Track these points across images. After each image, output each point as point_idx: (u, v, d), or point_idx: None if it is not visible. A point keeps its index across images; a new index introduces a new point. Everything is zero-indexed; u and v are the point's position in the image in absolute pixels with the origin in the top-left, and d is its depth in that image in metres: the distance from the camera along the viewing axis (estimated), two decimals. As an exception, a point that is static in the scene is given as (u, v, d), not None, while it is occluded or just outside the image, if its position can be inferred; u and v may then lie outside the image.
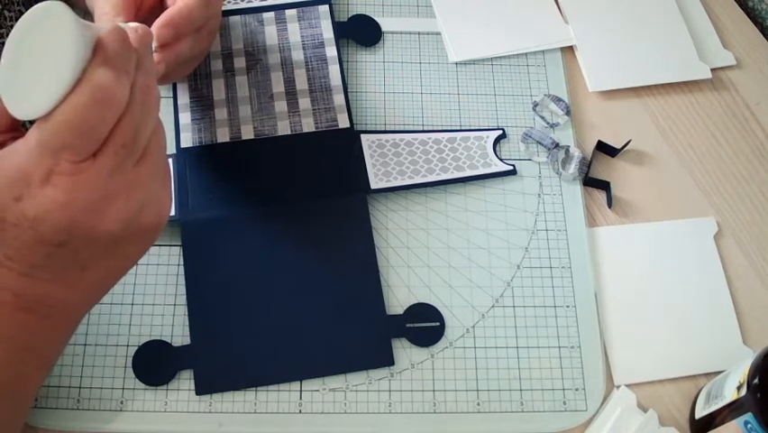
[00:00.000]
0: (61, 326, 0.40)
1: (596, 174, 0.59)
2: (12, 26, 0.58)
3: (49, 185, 0.34)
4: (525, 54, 0.64)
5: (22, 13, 0.59)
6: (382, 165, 0.57)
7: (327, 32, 0.61)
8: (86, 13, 0.59)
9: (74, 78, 0.33)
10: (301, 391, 0.50)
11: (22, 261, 0.36)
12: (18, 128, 0.40)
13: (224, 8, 0.62)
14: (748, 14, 0.69)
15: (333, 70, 0.60)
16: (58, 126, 0.33)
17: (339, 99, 0.59)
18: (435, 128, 0.60)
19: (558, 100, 0.61)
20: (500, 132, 0.60)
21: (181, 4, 0.48)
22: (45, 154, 0.34)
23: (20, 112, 0.34)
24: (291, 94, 0.58)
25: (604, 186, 0.58)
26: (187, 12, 0.48)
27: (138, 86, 0.37)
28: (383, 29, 0.64)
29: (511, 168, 0.58)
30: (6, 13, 0.59)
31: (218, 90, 0.58)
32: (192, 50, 0.51)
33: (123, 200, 0.37)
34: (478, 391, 0.50)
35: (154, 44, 0.47)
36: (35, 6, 0.34)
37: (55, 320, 0.39)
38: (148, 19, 0.48)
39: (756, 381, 0.43)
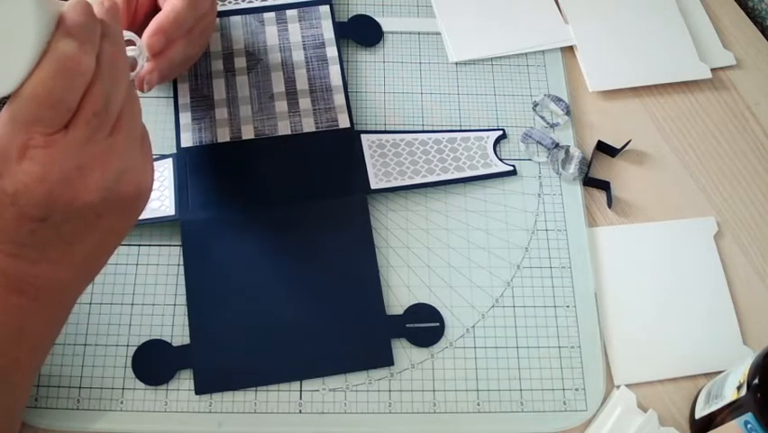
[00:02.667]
0: (53, 306, 0.40)
1: (596, 174, 0.59)
2: None
3: (25, 159, 0.35)
4: (525, 54, 0.64)
5: None
6: (382, 165, 0.57)
7: (328, 33, 0.61)
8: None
9: (38, 52, 0.34)
10: (301, 391, 0.50)
11: (8, 240, 0.36)
12: None
13: (224, 8, 0.62)
14: (748, 14, 0.69)
15: (334, 70, 0.60)
16: (26, 100, 0.34)
17: (339, 99, 0.59)
18: (435, 128, 0.60)
19: (558, 100, 0.61)
20: (500, 132, 0.60)
21: (168, 8, 0.48)
22: (18, 129, 0.35)
23: None
24: (292, 94, 0.58)
25: (604, 186, 0.58)
26: (175, 16, 0.48)
27: (105, 54, 0.37)
28: (383, 29, 0.64)
29: (511, 168, 0.58)
30: None
31: (219, 90, 0.58)
32: (185, 52, 0.51)
33: (99, 170, 0.37)
34: (478, 391, 0.50)
35: (146, 54, 0.47)
36: None
37: (46, 300, 0.39)
38: (144, 25, 0.48)
39: (756, 381, 0.43)
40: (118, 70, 0.38)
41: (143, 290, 0.52)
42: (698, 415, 0.49)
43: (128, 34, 0.45)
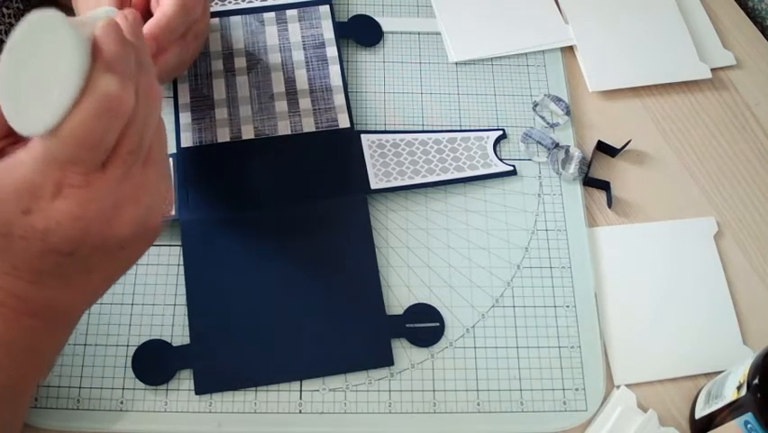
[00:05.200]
0: (63, 328, 0.40)
1: (596, 174, 0.59)
2: (10, 23, 0.58)
3: (60, 198, 0.34)
4: (525, 54, 0.64)
5: (20, 11, 0.60)
6: (382, 165, 0.57)
7: (328, 33, 0.61)
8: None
9: (78, 88, 0.32)
10: (301, 391, 0.50)
11: (31, 269, 0.36)
12: (14, 132, 0.40)
13: (224, 8, 0.62)
14: (748, 14, 0.69)
15: (334, 70, 0.60)
16: (66, 140, 0.33)
17: (339, 99, 0.59)
18: (435, 128, 0.60)
19: (558, 100, 0.61)
20: (500, 132, 0.60)
21: (159, 14, 0.48)
22: (53, 167, 0.33)
23: (24, 127, 0.33)
24: (292, 94, 0.58)
25: (604, 186, 0.58)
26: (166, 22, 0.47)
27: (141, 87, 0.36)
28: (383, 29, 0.64)
29: (511, 168, 0.58)
30: (5, 10, 0.59)
31: (219, 90, 0.58)
32: (180, 56, 0.51)
33: (132, 205, 0.37)
34: (478, 391, 0.50)
35: None
36: (30, 17, 0.33)
37: (58, 323, 0.39)
38: None
39: (756, 381, 0.43)
40: (153, 103, 0.37)
41: (143, 290, 0.52)
42: (698, 415, 0.49)
43: (125, 11, 0.44)
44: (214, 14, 0.61)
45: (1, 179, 0.34)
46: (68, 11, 0.62)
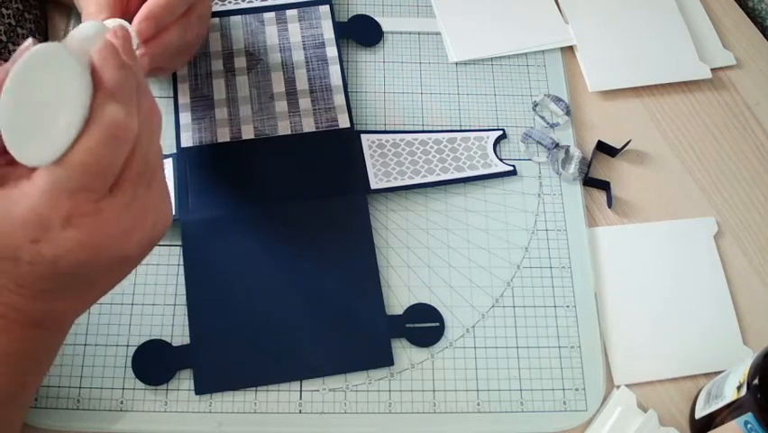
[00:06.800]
0: (62, 334, 0.40)
1: (596, 174, 0.59)
2: (9, 23, 0.58)
3: (70, 227, 0.34)
4: (525, 54, 0.64)
5: (20, 11, 0.59)
6: (382, 165, 0.57)
7: (328, 33, 0.61)
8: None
9: (84, 118, 0.32)
10: (301, 391, 0.50)
11: (36, 288, 0.35)
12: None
13: (224, 8, 0.62)
14: (748, 14, 0.69)
15: (334, 70, 0.60)
16: (74, 169, 0.33)
17: (339, 99, 0.59)
18: (435, 128, 0.60)
19: (558, 100, 0.61)
20: (500, 132, 0.60)
21: None
22: (62, 197, 0.33)
23: (29, 159, 0.33)
24: (292, 94, 0.58)
25: (604, 186, 0.58)
26: (165, 1, 0.47)
27: (142, 109, 0.36)
28: (383, 29, 0.64)
29: (511, 168, 0.58)
30: (4, 10, 0.58)
31: (219, 90, 0.58)
32: (182, 38, 0.50)
33: (140, 225, 0.37)
34: (478, 391, 0.50)
35: (137, 40, 0.46)
36: (33, 50, 0.33)
37: (58, 330, 0.39)
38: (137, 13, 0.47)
39: (756, 381, 0.43)
40: (154, 123, 0.37)
41: (143, 290, 0.52)
42: (698, 415, 0.49)
43: (118, 21, 0.44)
44: (214, 14, 0.61)
45: (7, 211, 0.33)
46: (69, 10, 0.62)
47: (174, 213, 0.53)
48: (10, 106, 0.33)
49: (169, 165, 0.55)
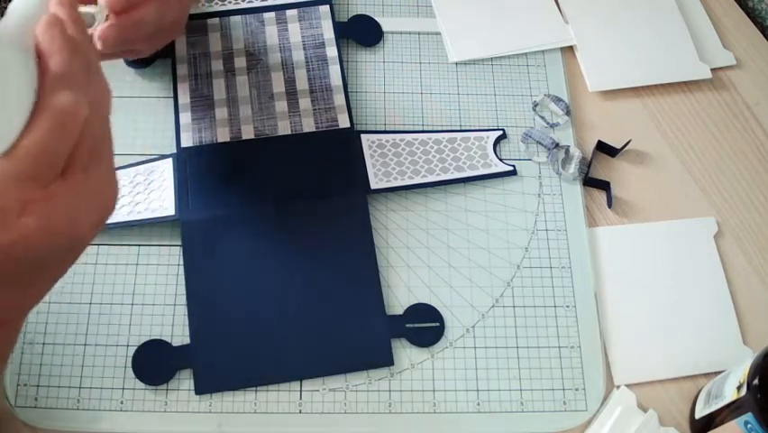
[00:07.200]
0: (14, 331, 0.39)
1: (596, 174, 0.59)
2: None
3: (25, 214, 0.32)
4: (525, 54, 0.64)
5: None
6: (382, 165, 0.57)
7: (328, 33, 0.61)
8: None
9: (29, 109, 0.31)
10: (301, 391, 0.50)
11: None
12: None
13: (224, 8, 0.62)
14: (748, 14, 0.69)
15: (334, 70, 0.60)
16: (23, 159, 0.32)
17: (339, 99, 0.59)
18: (435, 128, 0.60)
19: (558, 100, 0.61)
20: (500, 132, 0.60)
21: None
22: (13, 187, 0.32)
23: None
24: (292, 94, 0.58)
25: (604, 186, 0.58)
26: None
27: (93, 91, 0.34)
28: (383, 29, 0.64)
29: (511, 168, 0.58)
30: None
31: (219, 90, 0.58)
32: (159, 17, 0.48)
33: (91, 207, 0.35)
34: (478, 391, 0.50)
35: (105, 12, 0.44)
36: None
37: (11, 324, 0.38)
38: None
39: (756, 381, 0.43)
40: (104, 105, 0.36)
41: (143, 290, 0.52)
42: (698, 415, 0.49)
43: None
44: (215, 14, 0.61)
45: None
46: None
47: (174, 213, 0.53)
48: None
49: (169, 165, 0.55)
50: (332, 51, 0.60)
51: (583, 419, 0.50)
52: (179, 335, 0.50)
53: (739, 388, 0.44)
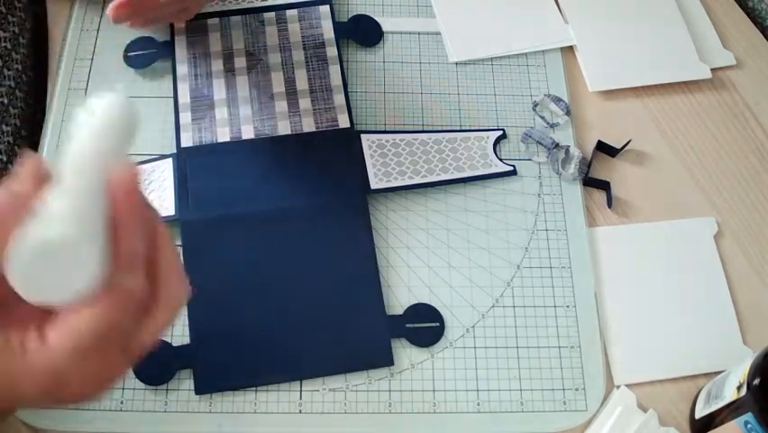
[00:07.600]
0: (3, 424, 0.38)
1: (596, 174, 0.59)
2: (14, 31, 0.58)
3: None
4: (525, 54, 0.64)
5: (23, 20, 0.59)
6: (382, 165, 0.57)
7: (328, 33, 0.61)
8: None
9: (94, 289, 0.30)
10: (301, 391, 0.50)
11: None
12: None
13: (224, 8, 0.62)
14: (748, 14, 0.69)
15: (334, 70, 0.60)
16: (89, 336, 0.31)
17: (339, 99, 0.59)
18: (435, 128, 0.60)
19: (558, 100, 0.61)
20: (500, 132, 0.60)
21: None
22: (78, 358, 0.31)
23: (35, 297, 0.30)
24: (292, 94, 0.58)
25: (604, 186, 0.58)
26: None
27: (169, 291, 0.33)
28: (383, 29, 0.64)
29: (511, 168, 0.58)
30: (10, 18, 0.59)
31: (219, 90, 0.58)
32: None
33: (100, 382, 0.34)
34: (478, 391, 0.50)
35: None
36: (33, 247, 0.29)
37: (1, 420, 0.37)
38: None
39: (756, 381, 0.43)
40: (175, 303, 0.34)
41: (143, 290, 0.52)
42: (698, 415, 0.49)
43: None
44: (215, 14, 0.61)
45: (25, 363, 0.31)
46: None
47: (174, 213, 0.53)
48: (27, 260, 0.29)
49: (169, 165, 0.55)
50: (332, 51, 0.60)
51: (583, 419, 0.50)
52: (179, 335, 0.50)
53: (739, 388, 0.44)
